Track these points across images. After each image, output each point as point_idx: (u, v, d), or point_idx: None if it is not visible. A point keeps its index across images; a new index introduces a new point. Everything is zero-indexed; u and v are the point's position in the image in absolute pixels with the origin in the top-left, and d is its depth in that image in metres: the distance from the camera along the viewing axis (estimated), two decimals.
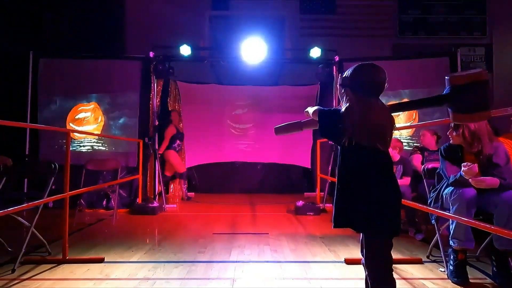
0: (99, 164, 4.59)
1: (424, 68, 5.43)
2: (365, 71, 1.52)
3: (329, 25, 9.21)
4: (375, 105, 1.46)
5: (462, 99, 1.43)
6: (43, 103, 5.46)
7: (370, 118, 1.44)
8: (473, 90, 1.42)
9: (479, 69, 1.48)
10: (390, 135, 1.49)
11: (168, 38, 6.02)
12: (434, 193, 2.70)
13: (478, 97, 1.42)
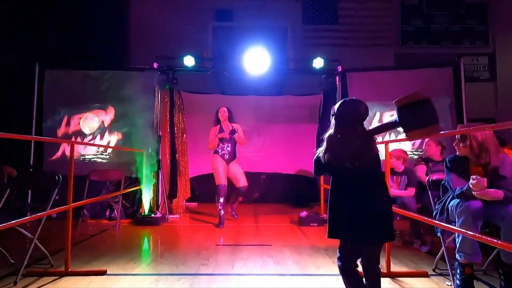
0: (103, 175, 4.59)
1: (427, 78, 5.42)
2: (347, 106, 1.88)
3: (332, 35, 9.27)
4: (352, 132, 1.80)
5: (407, 118, 1.69)
6: (48, 113, 5.50)
7: (347, 143, 1.78)
8: (414, 109, 1.66)
9: (416, 91, 1.74)
10: (367, 155, 1.79)
11: (172, 49, 6.07)
12: (439, 205, 2.67)
13: (421, 114, 1.66)
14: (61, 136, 5.48)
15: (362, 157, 1.76)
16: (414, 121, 1.68)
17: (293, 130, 7.14)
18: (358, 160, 1.75)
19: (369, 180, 1.80)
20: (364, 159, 1.77)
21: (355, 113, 1.83)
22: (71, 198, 2.85)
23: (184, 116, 6.67)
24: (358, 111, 1.84)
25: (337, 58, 6.38)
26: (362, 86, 5.58)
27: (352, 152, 1.76)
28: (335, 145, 1.82)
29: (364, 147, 1.78)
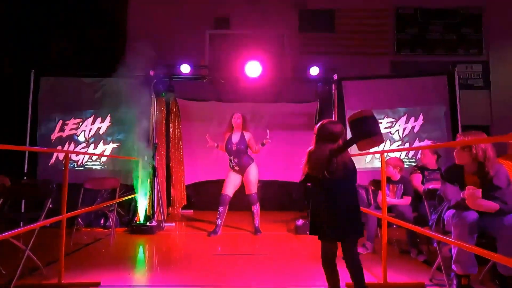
0: (97, 183, 4.56)
1: (422, 87, 5.47)
2: (324, 126, 2.25)
3: (328, 43, 9.34)
4: (325, 148, 2.15)
5: (355, 131, 2.07)
6: (42, 120, 5.47)
7: (322, 157, 2.13)
8: (359, 124, 2.02)
9: (361, 110, 2.13)
10: (337, 167, 2.12)
11: (168, 57, 6.08)
12: (435, 215, 2.67)
13: (364, 128, 2.01)
14: (55, 141, 5.44)
15: (333, 169, 2.12)
16: (359, 134, 2.04)
17: (290, 137, 7.14)
18: (328, 171, 2.11)
19: (339, 187, 2.16)
20: (334, 170, 2.11)
21: (330, 132, 2.19)
22: (65, 208, 2.82)
23: (180, 123, 6.66)
24: (333, 131, 2.20)
25: (333, 67, 6.42)
26: (358, 94, 5.61)
27: (324, 164, 2.11)
28: (312, 158, 2.18)
29: (334, 160, 2.12)
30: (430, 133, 5.37)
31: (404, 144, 5.38)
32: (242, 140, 4.74)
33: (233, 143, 4.72)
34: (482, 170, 2.37)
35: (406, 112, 5.49)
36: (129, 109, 5.49)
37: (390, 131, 5.46)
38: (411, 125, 5.42)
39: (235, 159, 4.71)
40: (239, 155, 4.71)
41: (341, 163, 2.13)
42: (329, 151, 2.11)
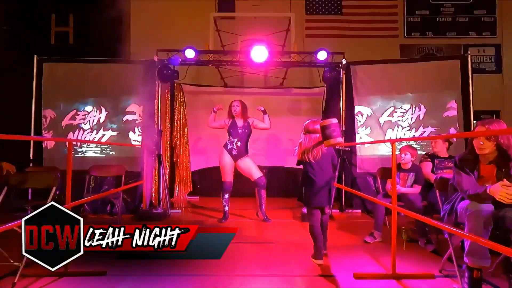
0: (103, 170, 4.54)
1: (434, 71, 5.30)
2: (308, 125, 3.12)
3: (336, 26, 9.10)
4: (309, 140, 3.05)
5: (322, 133, 2.90)
6: (47, 106, 5.42)
7: (308, 146, 3.03)
8: (323, 129, 2.89)
9: (325, 119, 2.99)
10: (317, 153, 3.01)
11: (172, 42, 5.96)
12: (447, 206, 2.59)
13: (325, 133, 2.87)
14: (60, 128, 5.41)
15: (313, 155, 3.00)
16: (323, 136, 2.90)
17: (296, 123, 7.02)
18: (311, 156, 2.99)
19: (318, 167, 3.00)
20: (315, 156, 3.00)
21: (313, 129, 3.06)
22: (69, 197, 2.79)
23: (185, 109, 6.58)
24: (314, 128, 3.04)
25: (341, 51, 6.26)
26: (367, 78, 5.47)
27: (308, 151, 3.01)
28: (301, 148, 3.07)
29: (316, 148, 3.00)
30: (441, 119, 5.24)
31: (415, 130, 5.26)
32: (247, 125, 4.72)
33: (238, 126, 4.68)
34: (504, 160, 2.28)
35: (415, 98, 5.34)
36: (134, 95, 5.43)
37: (400, 117, 5.33)
38: (421, 111, 5.29)
39: (239, 142, 4.65)
40: (244, 140, 4.68)
41: (319, 150, 3.00)
42: (312, 144, 3.01)
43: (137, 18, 6.94)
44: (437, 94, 5.29)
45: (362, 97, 5.44)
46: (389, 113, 5.37)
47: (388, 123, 5.37)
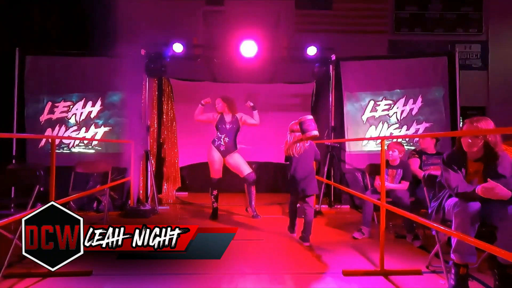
0: (89, 166, 4.45)
1: (422, 68, 5.34)
2: (292, 125, 3.58)
3: (325, 21, 9.08)
4: (294, 138, 3.52)
5: (301, 129, 3.35)
6: (30, 101, 5.27)
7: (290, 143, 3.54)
8: (301, 125, 3.32)
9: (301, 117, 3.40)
10: (300, 149, 3.49)
11: (160, 35, 5.83)
12: (435, 203, 2.62)
13: (303, 127, 3.30)
14: (44, 123, 5.27)
15: (296, 150, 3.47)
16: (302, 131, 3.33)
17: (285, 119, 6.94)
18: (296, 151, 3.47)
19: (301, 161, 3.48)
20: (298, 151, 3.47)
21: (296, 128, 3.47)
22: (53, 195, 2.71)
23: (173, 104, 6.49)
24: (296, 128, 3.47)
25: (331, 45, 6.23)
26: (356, 74, 5.47)
27: (292, 147, 3.49)
28: (286, 144, 3.56)
29: (299, 144, 3.46)
30: (428, 115, 5.29)
31: (401, 127, 5.30)
32: (235, 120, 4.63)
33: (226, 121, 4.60)
34: (490, 157, 2.30)
35: (404, 94, 5.37)
36: (120, 90, 5.31)
37: (388, 114, 5.36)
38: (409, 107, 5.33)
39: (227, 138, 4.57)
40: (231, 135, 4.60)
41: (301, 146, 3.46)
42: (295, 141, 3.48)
43: (124, 11, 6.77)
44: (425, 90, 5.33)
45: (351, 92, 5.44)
46: (380, 108, 5.39)
47: (374, 118, 5.39)
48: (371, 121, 5.39)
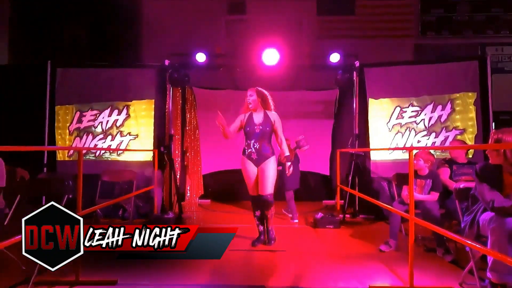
0: (115, 175, 4.56)
1: (451, 73, 5.13)
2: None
3: (348, 27, 8.97)
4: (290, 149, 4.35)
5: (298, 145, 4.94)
6: (60, 111, 5.48)
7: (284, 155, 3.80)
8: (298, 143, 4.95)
9: None
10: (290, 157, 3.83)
11: (184, 45, 5.96)
12: (468, 217, 2.48)
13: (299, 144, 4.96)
14: (72, 132, 5.46)
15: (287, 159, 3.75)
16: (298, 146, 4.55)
17: (308, 126, 6.95)
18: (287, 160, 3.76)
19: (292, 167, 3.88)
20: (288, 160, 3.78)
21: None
22: (80, 206, 2.78)
23: (196, 113, 6.57)
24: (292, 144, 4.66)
25: (354, 51, 6.11)
26: (381, 81, 5.34)
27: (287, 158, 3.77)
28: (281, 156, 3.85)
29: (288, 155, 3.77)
30: (458, 122, 5.08)
31: (430, 134, 5.11)
32: (267, 120, 3.66)
33: (255, 123, 3.66)
34: None
35: (432, 100, 5.18)
36: (145, 100, 5.44)
37: (415, 121, 5.19)
38: (438, 114, 5.13)
39: (256, 143, 3.61)
40: (263, 140, 3.63)
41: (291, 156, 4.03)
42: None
43: (148, 23, 6.96)
44: (455, 95, 5.12)
45: (375, 99, 5.31)
46: (406, 115, 5.22)
47: (401, 126, 5.23)
48: (397, 128, 5.23)
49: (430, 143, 5.08)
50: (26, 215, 3.37)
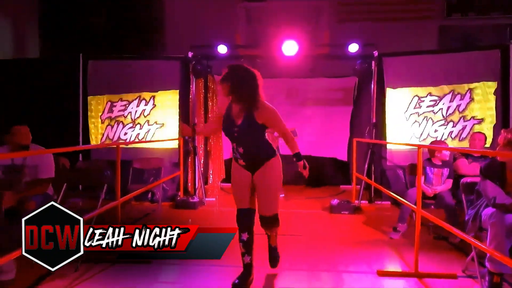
0: (145, 163, 4.96)
1: (471, 62, 5.09)
2: None
3: (368, 9, 8.82)
4: None
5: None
6: (92, 101, 5.87)
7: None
8: None
9: None
10: None
11: (206, 37, 6.15)
12: (472, 211, 2.66)
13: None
14: (104, 121, 5.86)
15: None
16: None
17: (327, 113, 7.09)
18: None
19: None
20: None
21: None
22: (119, 194, 3.14)
23: (217, 100, 6.82)
24: None
25: (374, 36, 6.08)
26: (399, 70, 5.37)
27: None
28: None
29: None
30: (477, 111, 5.09)
31: (447, 124, 5.17)
32: (249, 116, 2.46)
33: (233, 121, 2.51)
34: None
35: (451, 89, 5.20)
36: (170, 90, 5.73)
37: (433, 110, 5.24)
38: (456, 103, 5.15)
39: (240, 147, 2.52)
40: (246, 141, 2.52)
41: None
42: None
43: (172, 16, 7.16)
44: (475, 84, 5.11)
45: (393, 88, 5.38)
46: (424, 104, 5.27)
47: (418, 115, 5.29)
48: (415, 117, 5.31)
49: (447, 132, 5.15)
50: (71, 202, 3.79)
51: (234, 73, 2.50)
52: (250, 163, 2.57)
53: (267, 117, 2.50)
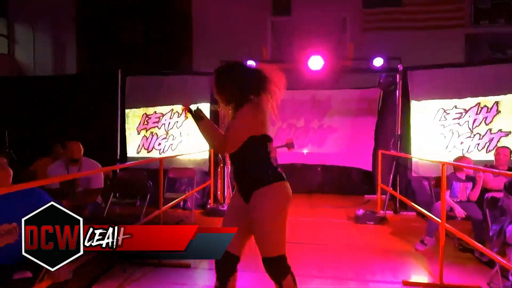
0: (179, 172, 5.30)
1: (498, 74, 5.10)
2: None
3: (394, 18, 8.87)
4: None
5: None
6: (129, 114, 6.30)
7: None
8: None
9: None
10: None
11: (232, 48, 6.46)
12: (497, 226, 2.76)
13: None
14: (140, 132, 6.26)
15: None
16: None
17: (351, 123, 7.21)
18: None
19: None
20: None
21: None
22: (161, 204, 3.45)
23: None
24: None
25: (400, 45, 6.14)
26: (424, 82, 5.45)
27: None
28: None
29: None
30: (504, 124, 5.09)
31: (473, 137, 5.20)
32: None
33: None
34: None
35: (477, 102, 5.23)
36: (201, 102, 6.05)
37: (459, 123, 5.28)
38: (483, 116, 5.17)
39: (232, 165, 2.20)
40: (233, 156, 2.06)
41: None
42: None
43: (199, 32, 7.54)
44: (501, 97, 5.12)
45: (418, 101, 5.46)
46: (450, 117, 5.32)
47: (444, 127, 5.35)
48: (440, 130, 5.37)
49: (474, 145, 5.18)
50: (116, 210, 4.14)
51: (216, 75, 2.09)
52: (240, 187, 2.05)
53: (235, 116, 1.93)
